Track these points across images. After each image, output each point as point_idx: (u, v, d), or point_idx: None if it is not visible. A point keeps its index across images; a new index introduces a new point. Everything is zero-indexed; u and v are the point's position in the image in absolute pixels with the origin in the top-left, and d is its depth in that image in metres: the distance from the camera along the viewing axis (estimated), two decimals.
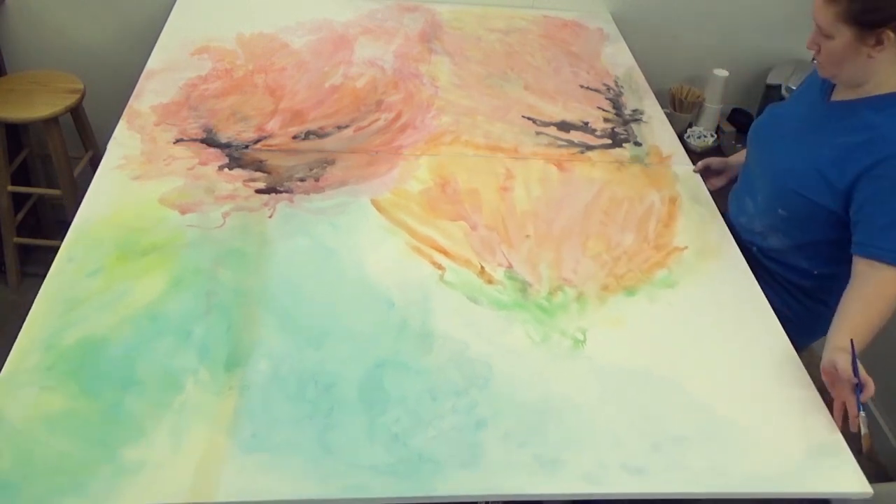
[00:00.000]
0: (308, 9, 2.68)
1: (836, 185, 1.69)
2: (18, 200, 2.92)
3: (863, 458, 1.46)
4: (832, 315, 1.67)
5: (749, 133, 2.02)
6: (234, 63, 2.33)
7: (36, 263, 3.01)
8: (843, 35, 1.61)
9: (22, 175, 2.97)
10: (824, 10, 1.62)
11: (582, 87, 2.45)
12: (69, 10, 2.79)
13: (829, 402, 1.52)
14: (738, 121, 3.15)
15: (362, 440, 1.33)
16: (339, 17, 2.67)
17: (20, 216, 2.89)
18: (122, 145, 1.94)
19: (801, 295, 1.89)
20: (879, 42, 1.59)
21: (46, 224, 3.19)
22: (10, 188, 2.75)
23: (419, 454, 1.32)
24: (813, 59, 1.74)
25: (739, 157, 2.14)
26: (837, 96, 1.78)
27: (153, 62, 2.30)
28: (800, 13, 2.98)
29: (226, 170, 1.91)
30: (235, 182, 1.87)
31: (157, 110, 2.09)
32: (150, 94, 2.15)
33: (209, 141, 1.99)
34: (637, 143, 2.20)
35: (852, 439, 1.46)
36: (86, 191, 1.79)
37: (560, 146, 2.14)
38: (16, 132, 2.88)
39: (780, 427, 1.46)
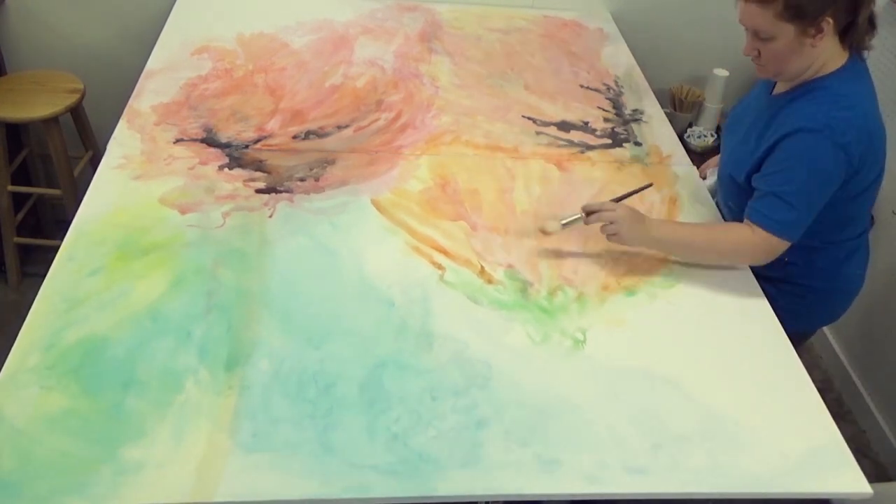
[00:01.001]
0: (308, 9, 2.68)
1: (754, 171, 1.75)
2: (18, 200, 2.92)
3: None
4: (819, 299, 1.84)
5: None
6: (234, 63, 2.33)
7: (36, 263, 3.01)
8: (786, 33, 1.61)
9: (22, 175, 2.97)
10: (761, 13, 1.61)
11: (582, 86, 2.45)
12: (69, 10, 2.79)
13: (829, 402, 1.52)
14: None
15: (363, 440, 1.33)
16: (339, 17, 2.67)
17: (20, 216, 2.89)
18: (122, 145, 1.94)
19: (783, 283, 1.88)
20: (820, 30, 1.60)
21: (46, 224, 3.19)
22: (11, 188, 2.75)
23: (419, 454, 1.32)
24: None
25: None
26: (778, 89, 1.82)
27: (153, 62, 2.30)
28: None
29: (226, 170, 1.91)
30: (235, 182, 1.87)
31: (157, 110, 2.09)
32: (150, 94, 2.15)
33: (209, 141, 2.00)
34: (637, 143, 2.20)
35: (852, 438, 1.46)
36: (86, 190, 1.79)
37: (560, 146, 2.14)
38: (16, 132, 2.88)
39: (780, 427, 1.46)
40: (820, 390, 1.55)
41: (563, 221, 1.73)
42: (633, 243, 1.73)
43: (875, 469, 2.69)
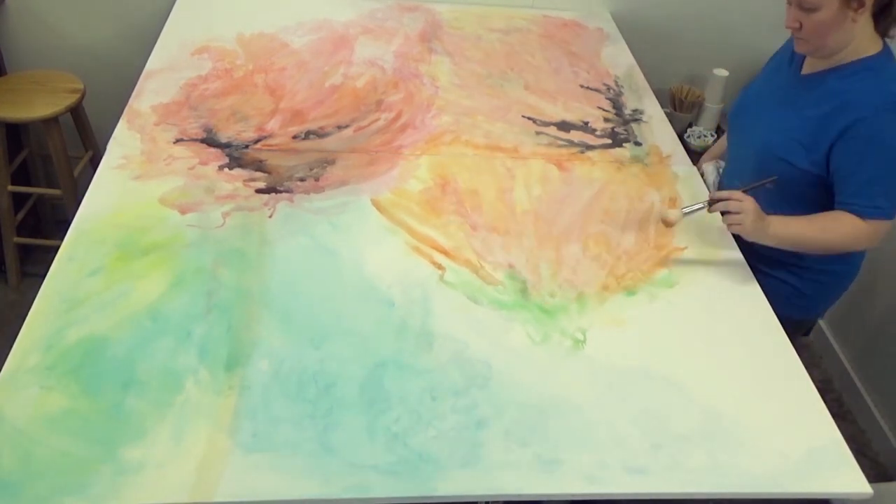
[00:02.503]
0: (308, 9, 2.68)
1: (814, 154, 1.76)
2: (18, 200, 2.92)
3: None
4: (834, 281, 1.90)
5: (728, 118, 2.09)
6: (234, 63, 2.33)
7: (36, 263, 3.01)
8: (830, 4, 1.64)
9: (22, 175, 2.97)
10: None
11: (582, 86, 2.45)
12: (69, 10, 2.79)
13: (829, 402, 1.52)
14: None
15: (363, 440, 1.33)
16: (339, 16, 2.67)
17: (20, 216, 2.89)
18: (122, 145, 1.94)
19: (802, 270, 1.91)
20: (861, 4, 1.63)
21: (46, 224, 3.19)
22: (11, 188, 2.75)
23: (419, 454, 1.32)
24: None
25: (722, 143, 2.22)
26: (807, 69, 1.84)
27: (153, 62, 2.30)
28: None
29: (226, 170, 1.91)
30: (235, 182, 1.87)
31: (157, 110, 2.09)
32: (150, 94, 2.15)
33: (209, 141, 1.99)
34: (637, 143, 2.20)
35: (852, 438, 1.46)
36: (86, 190, 1.79)
37: (560, 146, 2.14)
38: (16, 132, 2.88)
39: (781, 427, 1.46)
40: (820, 390, 1.55)
41: (685, 209, 1.75)
42: (751, 236, 1.74)
43: (875, 469, 2.69)
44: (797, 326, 1.69)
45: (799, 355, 1.62)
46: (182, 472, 1.26)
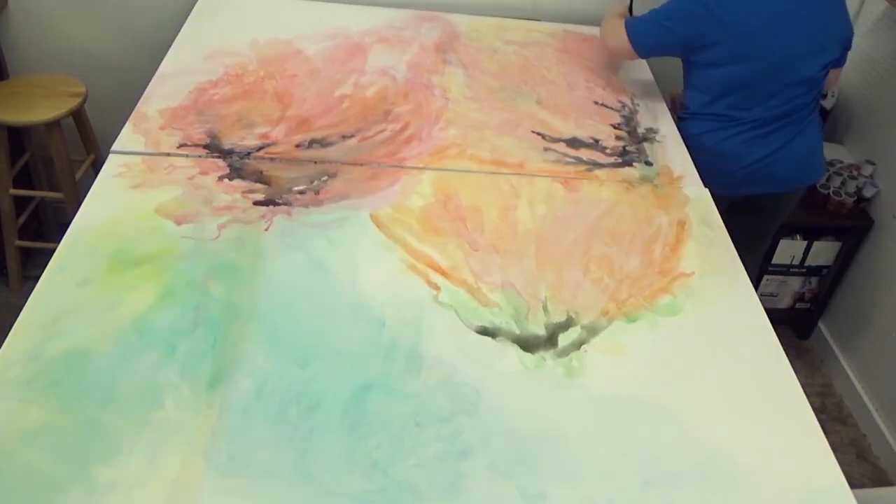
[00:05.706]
0: (326, 16, 2.65)
1: None
2: (20, 203, 2.91)
3: None
4: (704, 163, 2.21)
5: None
6: (246, 68, 2.30)
7: (37, 266, 2.97)
8: None
9: (24, 178, 2.97)
10: None
11: (596, 103, 2.40)
12: (71, 13, 2.78)
13: (829, 407, 1.46)
14: None
15: (341, 467, 1.29)
16: (356, 25, 2.63)
17: (22, 219, 2.90)
18: (124, 149, 1.92)
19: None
20: None
21: (48, 227, 3.20)
22: (12, 191, 2.76)
23: (399, 483, 1.28)
24: None
25: None
26: None
27: (166, 65, 2.28)
28: None
29: (226, 180, 1.87)
30: (234, 193, 1.83)
31: (164, 114, 2.06)
32: (158, 98, 2.12)
33: (212, 147, 1.96)
34: (648, 163, 2.14)
35: (852, 442, 1.40)
36: (87, 194, 1.77)
37: (568, 163, 2.09)
38: (18, 135, 2.88)
39: (781, 468, 1.40)
40: (821, 395, 1.50)
41: None
42: None
43: (875, 474, 2.62)
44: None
45: (799, 360, 1.57)
46: (153, 494, 1.22)
